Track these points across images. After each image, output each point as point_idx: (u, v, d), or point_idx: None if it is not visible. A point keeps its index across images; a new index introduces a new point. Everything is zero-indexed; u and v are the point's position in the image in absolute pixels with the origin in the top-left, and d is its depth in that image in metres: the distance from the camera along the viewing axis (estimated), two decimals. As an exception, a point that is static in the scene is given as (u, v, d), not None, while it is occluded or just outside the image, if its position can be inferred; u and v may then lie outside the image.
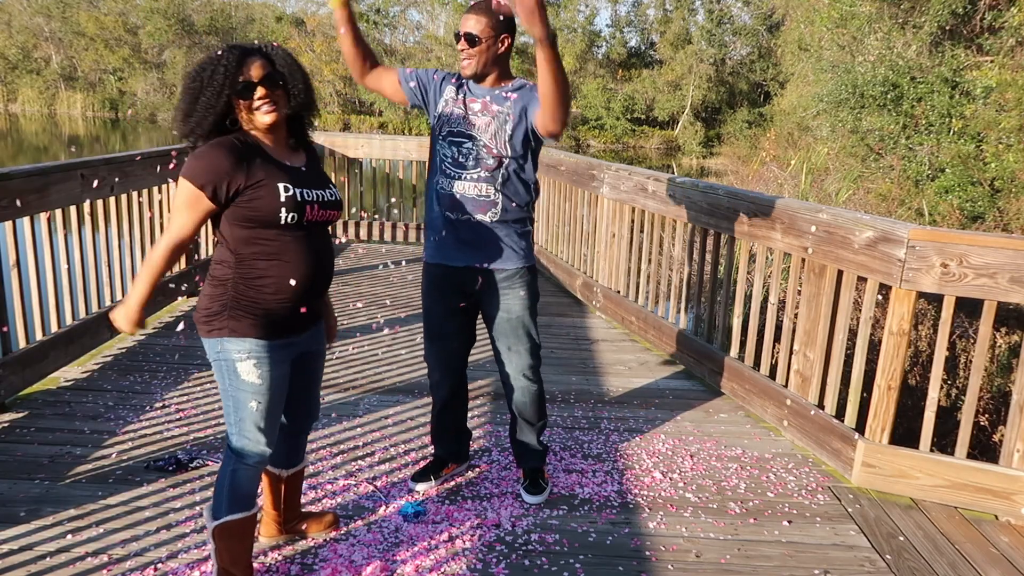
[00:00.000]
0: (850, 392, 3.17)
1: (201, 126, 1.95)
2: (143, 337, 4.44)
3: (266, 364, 2.02)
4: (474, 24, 2.51)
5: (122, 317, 1.98)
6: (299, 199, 1.98)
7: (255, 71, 1.94)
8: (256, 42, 2.06)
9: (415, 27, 39.79)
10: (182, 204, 1.93)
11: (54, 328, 3.79)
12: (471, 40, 2.52)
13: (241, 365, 2.01)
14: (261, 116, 1.97)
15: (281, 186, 1.96)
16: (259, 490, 2.22)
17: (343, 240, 7.51)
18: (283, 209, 1.95)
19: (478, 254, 2.66)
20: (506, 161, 2.61)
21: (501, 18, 2.53)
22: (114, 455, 3.01)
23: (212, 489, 2.75)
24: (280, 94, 1.99)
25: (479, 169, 2.60)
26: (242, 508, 2.11)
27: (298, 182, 2.01)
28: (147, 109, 38.86)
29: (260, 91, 1.95)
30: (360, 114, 37.08)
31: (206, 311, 2.02)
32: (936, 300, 5.95)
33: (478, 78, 2.61)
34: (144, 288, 1.97)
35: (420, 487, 2.85)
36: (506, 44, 2.59)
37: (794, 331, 3.51)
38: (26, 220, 3.54)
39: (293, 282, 2.00)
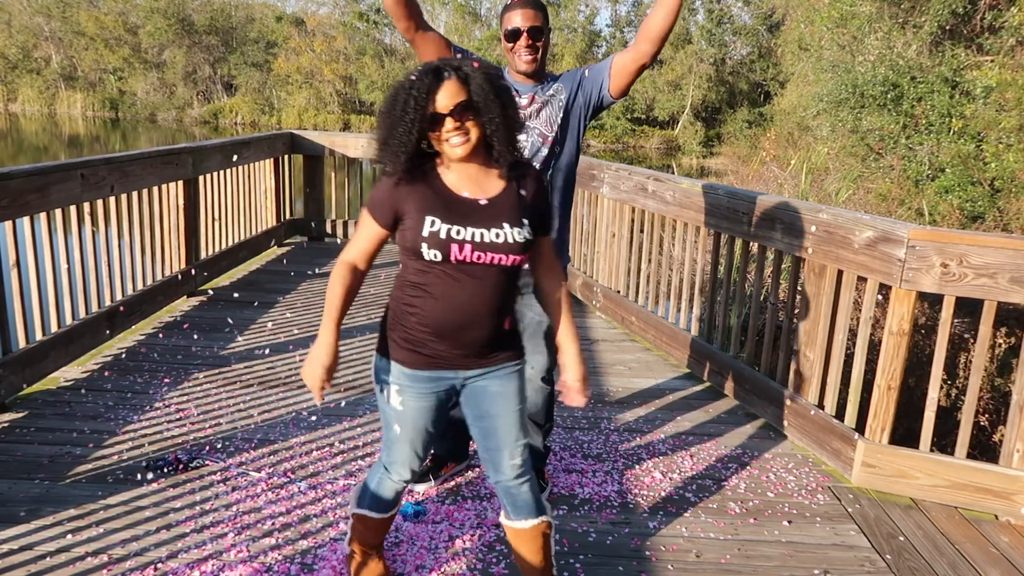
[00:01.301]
0: (850, 392, 3.17)
1: (398, 161, 1.85)
2: (143, 337, 4.44)
3: (408, 393, 1.97)
4: (534, 17, 2.51)
5: (310, 373, 1.89)
6: (443, 236, 1.83)
7: (445, 100, 1.80)
8: (460, 58, 1.89)
9: (415, 27, 39.76)
10: (359, 227, 1.96)
11: (54, 328, 3.79)
12: (538, 34, 2.51)
13: (388, 388, 2.00)
14: (451, 149, 1.84)
15: (428, 220, 1.84)
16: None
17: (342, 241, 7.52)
18: (424, 244, 1.84)
19: None
20: (559, 150, 2.60)
21: (545, 7, 2.56)
22: (114, 455, 3.01)
23: (212, 488, 2.77)
24: (473, 123, 1.83)
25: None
26: (378, 510, 2.15)
27: (456, 218, 1.85)
28: (147, 109, 38.88)
29: (450, 123, 1.81)
30: (360, 114, 37.08)
31: (384, 322, 2.04)
32: (936, 300, 5.94)
33: (532, 74, 2.57)
34: (328, 320, 1.89)
35: (420, 487, 2.84)
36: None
37: (794, 331, 3.51)
38: (26, 220, 3.55)
39: (434, 320, 1.90)
